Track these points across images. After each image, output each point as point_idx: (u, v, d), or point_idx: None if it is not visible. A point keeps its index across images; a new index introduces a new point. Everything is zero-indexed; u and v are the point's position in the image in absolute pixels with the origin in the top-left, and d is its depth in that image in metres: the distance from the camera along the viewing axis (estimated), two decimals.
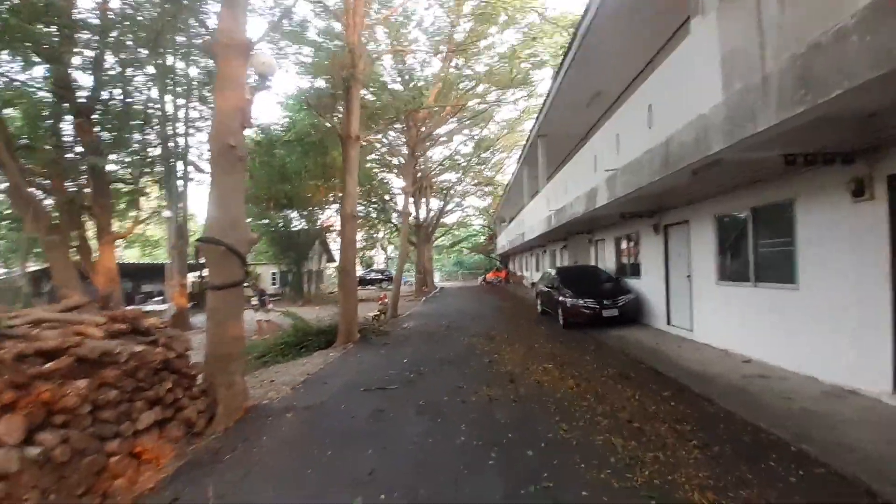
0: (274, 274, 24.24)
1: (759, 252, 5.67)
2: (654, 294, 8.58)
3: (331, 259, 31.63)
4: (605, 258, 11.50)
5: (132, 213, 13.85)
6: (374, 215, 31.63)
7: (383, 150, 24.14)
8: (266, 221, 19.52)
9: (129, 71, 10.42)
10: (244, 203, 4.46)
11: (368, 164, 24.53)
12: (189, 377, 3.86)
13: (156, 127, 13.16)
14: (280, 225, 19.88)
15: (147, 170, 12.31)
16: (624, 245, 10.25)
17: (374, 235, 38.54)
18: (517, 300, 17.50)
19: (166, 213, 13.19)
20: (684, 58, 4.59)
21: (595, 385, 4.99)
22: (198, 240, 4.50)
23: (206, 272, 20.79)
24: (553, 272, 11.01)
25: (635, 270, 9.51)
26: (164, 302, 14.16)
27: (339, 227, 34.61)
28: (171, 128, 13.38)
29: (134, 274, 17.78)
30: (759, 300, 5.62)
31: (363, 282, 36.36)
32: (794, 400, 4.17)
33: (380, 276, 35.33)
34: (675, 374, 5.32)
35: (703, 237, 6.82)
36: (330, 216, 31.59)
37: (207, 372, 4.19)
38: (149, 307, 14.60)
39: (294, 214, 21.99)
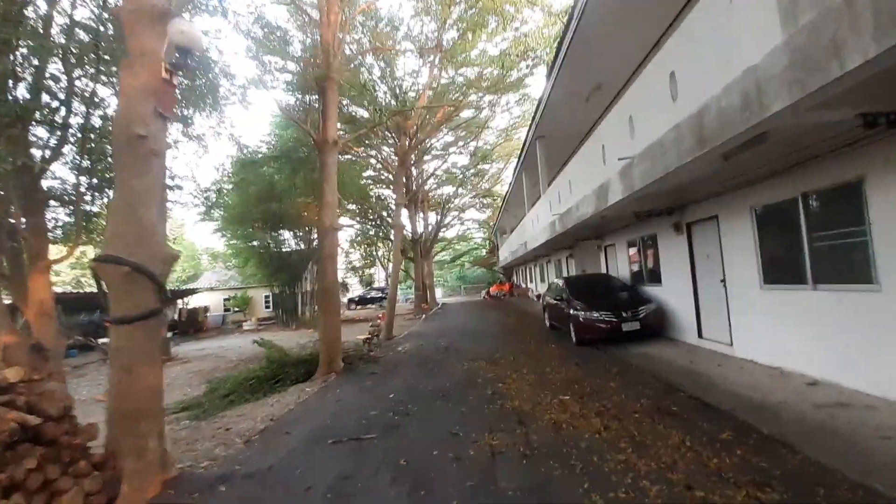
0: (267, 297, 23.20)
1: (815, 247, 4.60)
2: (679, 303, 7.47)
3: None
4: (618, 265, 10.42)
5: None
6: (371, 232, 30.84)
7: (378, 166, 23.48)
8: (255, 243, 18.59)
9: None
10: (162, 209, 3.47)
11: (364, 182, 23.83)
12: (74, 447, 2.79)
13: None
14: (270, 246, 18.92)
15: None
16: (639, 249, 9.19)
17: (374, 253, 37.72)
18: (522, 314, 16.35)
19: None
20: (718, 1, 3.64)
21: (628, 425, 3.87)
22: (92, 259, 3.50)
23: (190, 299, 19.60)
24: (561, 283, 9.94)
25: (654, 277, 8.42)
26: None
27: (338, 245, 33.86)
28: None
29: (87, 305, 16.75)
30: (821, 306, 4.53)
31: (363, 300, 35.25)
32: None
33: (380, 295, 34.23)
34: (728, 404, 4.19)
35: (738, 234, 5.77)
36: None
37: (110, 436, 3.12)
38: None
39: (288, 235, 21.11)
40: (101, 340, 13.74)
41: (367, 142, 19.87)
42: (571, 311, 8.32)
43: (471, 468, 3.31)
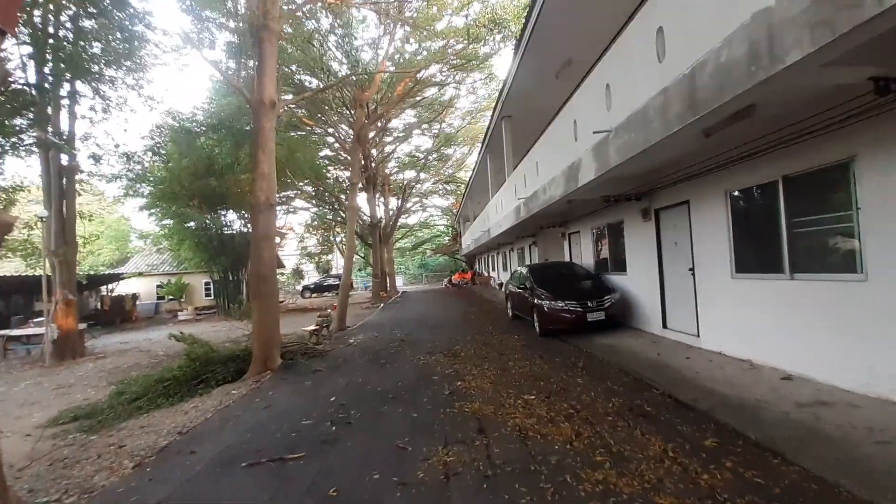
0: (207, 284, 21.19)
1: (795, 234, 4.31)
2: (644, 292, 7.21)
3: (279, 265, 28.71)
4: (582, 253, 10.13)
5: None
6: (329, 216, 29.17)
7: (336, 145, 21.98)
8: (192, 224, 16.66)
9: None
10: None
11: (320, 162, 22.25)
12: None
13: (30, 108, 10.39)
14: (209, 227, 17.05)
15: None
16: (605, 236, 8.89)
17: (331, 238, 35.95)
18: (485, 303, 15.96)
19: (42, 212, 10.38)
20: None
21: (602, 431, 3.37)
22: None
23: (116, 285, 17.50)
24: (525, 271, 9.48)
25: (619, 265, 8.14)
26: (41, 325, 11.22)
27: (288, 230, 31.63)
28: (50, 109, 10.62)
29: (18, 289, 14.47)
30: (798, 296, 4.26)
31: (320, 288, 33.53)
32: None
33: (337, 283, 32.68)
34: (705, 403, 3.81)
35: (710, 220, 5.45)
36: (280, 218, 28.81)
37: None
38: (24, 331, 11.59)
39: (232, 216, 19.18)
40: (3, 332, 11.69)
41: (321, 116, 18.43)
42: (535, 301, 7.86)
43: (418, 498, 2.64)
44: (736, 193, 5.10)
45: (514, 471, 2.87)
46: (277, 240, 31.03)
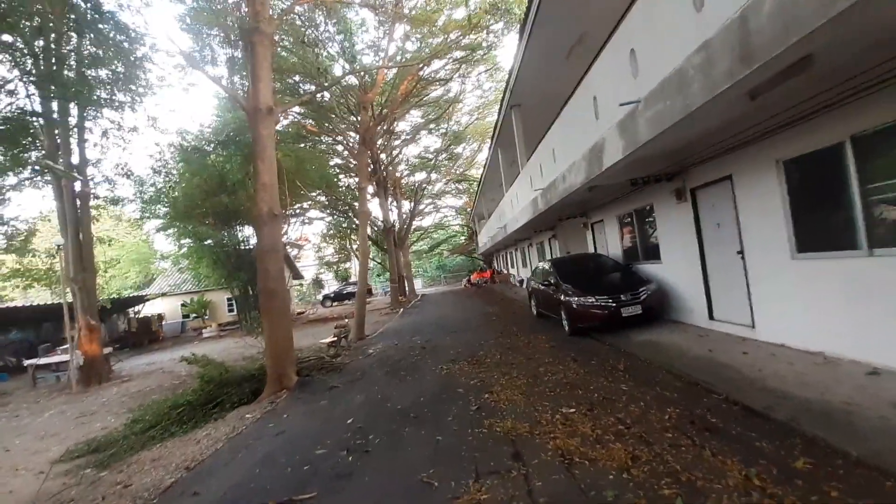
0: (230, 300, 21.34)
1: (871, 202, 3.65)
2: (683, 281, 6.54)
3: (297, 276, 28.82)
4: (608, 243, 9.47)
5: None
6: (344, 225, 29.09)
7: (345, 153, 21.85)
8: (209, 242, 16.72)
9: None
10: None
11: (330, 171, 22.16)
12: None
13: (39, 139, 10.49)
14: (226, 243, 17.08)
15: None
16: (632, 223, 8.23)
17: (348, 246, 35.95)
18: (506, 302, 15.39)
19: (58, 241, 10.43)
20: None
21: (663, 453, 2.82)
22: None
23: (142, 307, 17.74)
24: (547, 266, 8.91)
25: (652, 253, 7.48)
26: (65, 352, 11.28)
27: (304, 241, 31.64)
28: (60, 137, 10.69)
29: (47, 317, 14.76)
30: (879, 275, 3.60)
31: (340, 296, 33.47)
32: None
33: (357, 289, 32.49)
34: (782, 410, 3.21)
35: (760, 195, 4.79)
36: (295, 229, 28.87)
37: None
38: (51, 359, 11.70)
39: (248, 231, 19.21)
40: (30, 361, 11.85)
41: (328, 125, 18.25)
42: (563, 297, 7.29)
43: None
44: (790, 162, 4.44)
45: None
46: (295, 251, 31.14)
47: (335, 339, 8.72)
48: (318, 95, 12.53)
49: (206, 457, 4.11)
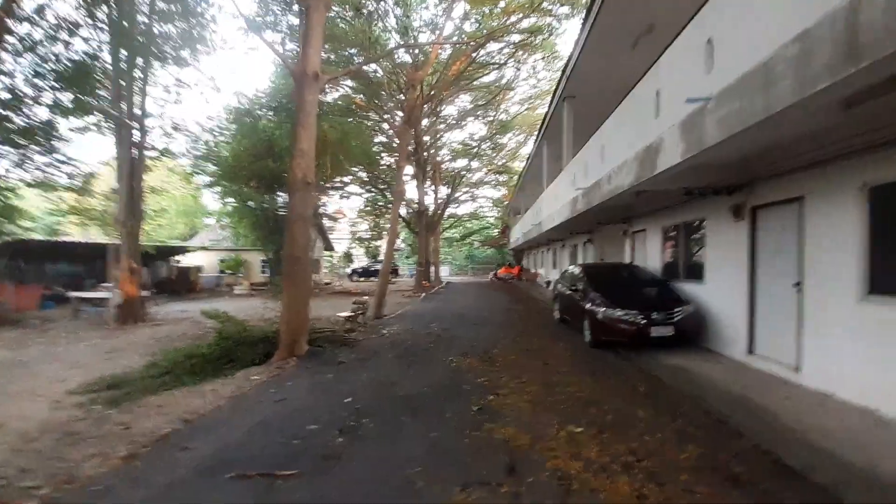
0: (263, 261, 22.22)
1: None
2: (726, 307, 5.96)
3: (329, 247, 29.52)
4: (647, 255, 8.85)
5: None
6: (380, 202, 29.39)
7: (390, 132, 21.85)
8: (251, 203, 17.35)
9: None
10: None
11: (375, 147, 22.31)
12: None
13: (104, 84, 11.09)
14: (265, 207, 17.66)
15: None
16: (678, 237, 7.61)
17: (381, 224, 36.40)
18: (530, 301, 14.98)
19: (114, 186, 11.08)
20: None
21: (676, 499, 2.50)
22: None
23: (184, 257, 18.75)
24: (578, 271, 8.46)
25: (694, 272, 6.88)
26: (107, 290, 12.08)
27: (340, 215, 32.40)
28: (125, 86, 11.26)
29: (99, 255, 15.89)
30: None
31: (367, 273, 34.14)
32: None
33: None
34: (826, 474, 2.77)
35: (836, 224, 4.18)
36: (334, 201, 29.50)
37: None
38: (94, 294, 12.60)
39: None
40: (75, 294, 12.82)
41: (377, 102, 18.23)
42: (588, 306, 6.89)
43: None
44: (879, 188, 3.81)
45: None
46: (331, 223, 31.82)
47: (352, 314, 8.76)
48: (368, 67, 12.46)
49: (207, 412, 4.17)
